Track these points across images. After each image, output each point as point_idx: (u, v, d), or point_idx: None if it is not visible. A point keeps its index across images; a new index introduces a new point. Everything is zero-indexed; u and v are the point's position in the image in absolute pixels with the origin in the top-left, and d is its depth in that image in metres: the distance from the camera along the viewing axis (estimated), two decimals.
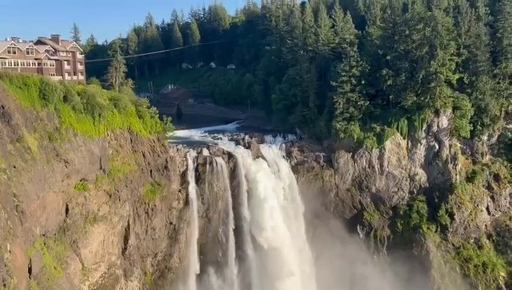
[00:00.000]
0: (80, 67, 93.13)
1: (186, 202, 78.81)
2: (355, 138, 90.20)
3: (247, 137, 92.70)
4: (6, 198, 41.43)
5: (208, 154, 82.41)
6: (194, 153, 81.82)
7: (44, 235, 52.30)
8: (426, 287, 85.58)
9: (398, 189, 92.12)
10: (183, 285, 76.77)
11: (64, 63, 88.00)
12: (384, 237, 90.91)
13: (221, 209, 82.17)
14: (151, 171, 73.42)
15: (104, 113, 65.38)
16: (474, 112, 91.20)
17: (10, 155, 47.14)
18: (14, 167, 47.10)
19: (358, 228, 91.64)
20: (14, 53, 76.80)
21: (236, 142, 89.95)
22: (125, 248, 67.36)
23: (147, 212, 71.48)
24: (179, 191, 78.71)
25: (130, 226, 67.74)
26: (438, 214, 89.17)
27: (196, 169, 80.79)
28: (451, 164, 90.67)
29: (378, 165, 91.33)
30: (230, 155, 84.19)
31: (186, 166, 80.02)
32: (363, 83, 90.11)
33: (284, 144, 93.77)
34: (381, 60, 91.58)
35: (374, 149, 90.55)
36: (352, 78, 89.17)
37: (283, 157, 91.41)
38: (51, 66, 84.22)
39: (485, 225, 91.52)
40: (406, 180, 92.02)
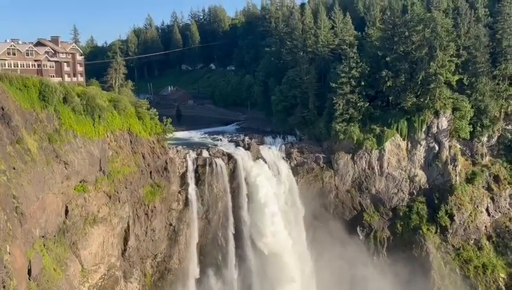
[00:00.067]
0: (80, 69, 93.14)
1: (186, 203, 78.74)
2: (355, 139, 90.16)
3: (247, 138, 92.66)
4: (6, 199, 41.37)
5: (208, 156, 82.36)
6: (193, 154, 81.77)
7: (43, 236, 52.20)
8: (426, 288, 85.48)
9: (398, 190, 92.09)
10: (183, 287, 76.63)
11: (64, 64, 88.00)
12: (384, 239, 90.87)
13: (221, 211, 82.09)
14: (151, 173, 73.37)
15: (103, 115, 65.36)
16: (473, 113, 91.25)
17: (10, 157, 47.08)
18: (14, 169, 47.04)
19: (358, 229, 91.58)
20: (13, 54, 76.83)
21: (236, 144, 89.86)
22: (124, 250, 67.30)
23: (146, 214, 71.42)
24: (179, 192, 78.65)
25: (129, 228, 67.69)
26: (438, 215, 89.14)
27: (196, 170, 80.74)
28: (451, 165, 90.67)
29: (378, 166, 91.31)
30: (230, 156, 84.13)
31: (186, 167, 79.96)
32: (363, 84, 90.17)
33: (284, 145, 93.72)
34: (381, 62, 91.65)
35: (373, 150, 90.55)
36: (351, 80, 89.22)
37: (283, 158, 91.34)
38: (50, 67, 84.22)
39: (485, 226, 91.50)
40: (406, 182, 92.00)
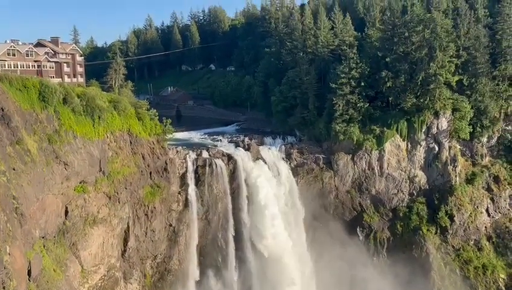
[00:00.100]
0: (80, 70, 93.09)
1: (186, 204, 78.72)
2: (354, 139, 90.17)
3: (247, 139, 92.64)
4: (6, 200, 41.35)
5: (208, 156, 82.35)
6: (193, 155, 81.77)
7: (43, 237, 52.19)
8: (426, 289, 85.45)
9: (398, 191, 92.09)
10: (183, 288, 76.58)
11: (64, 65, 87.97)
12: (384, 239, 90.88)
13: (221, 212, 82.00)
14: (151, 173, 73.36)
15: (103, 116, 65.36)
16: (473, 114, 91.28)
17: (10, 157, 47.07)
18: (14, 170, 47.02)
19: (358, 230, 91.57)
20: (13, 55, 76.80)
21: (236, 144, 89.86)
22: (124, 250, 67.28)
23: (146, 215, 71.39)
24: (179, 193, 78.65)
25: (129, 229, 67.68)
26: (438, 216, 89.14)
27: (196, 171, 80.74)
28: (450, 165, 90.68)
29: (378, 167, 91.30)
30: (230, 157, 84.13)
31: (186, 168, 79.96)
32: (363, 84, 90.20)
33: (284, 146, 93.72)
34: (381, 62, 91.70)
35: (373, 151, 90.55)
36: (351, 80, 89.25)
37: (283, 159, 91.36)
38: (50, 68, 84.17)
39: (485, 227, 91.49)
40: (406, 182, 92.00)
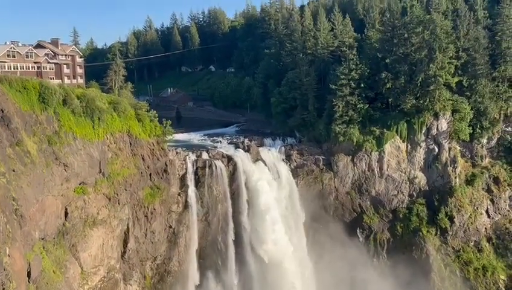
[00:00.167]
0: (80, 71, 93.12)
1: (186, 205, 78.68)
2: (354, 141, 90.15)
3: (247, 140, 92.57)
4: (6, 202, 41.33)
5: (208, 158, 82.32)
6: (193, 156, 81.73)
7: (43, 239, 52.16)
8: None
9: (398, 192, 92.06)
10: (183, 289, 76.50)
11: (64, 66, 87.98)
12: (384, 241, 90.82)
13: (221, 214, 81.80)
14: (151, 175, 73.36)
15: (103, 117, 65.38)
16: (473, 115, 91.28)
17: (9, 159, 47.06)
18: (14, 171, 47.02)
19: (358, 231, 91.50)
20: (13, 57, 76.84)
21: (236, 146, 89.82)
22: (124, 252, 67.23)
23: (146, 216, 71.36)
24: (178, 194, 78.63)
25: (129, 230, 67.64)
26: (438, 217, 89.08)
27: (195, 172, 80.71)
28: (450, 167, 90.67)
29: (378, 168, 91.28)
30: (230, 158, 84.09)
31: (186, 169, 79.95)
32: (362, 86, 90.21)
33: (284, 147, 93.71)
34: (381, 63, 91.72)
35: (373, 152, 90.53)
36: (351, 82, 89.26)
37: (282, 160, 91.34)
38: (50, 69, 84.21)
39: (485, 228, 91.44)
40: (406, 184, 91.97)
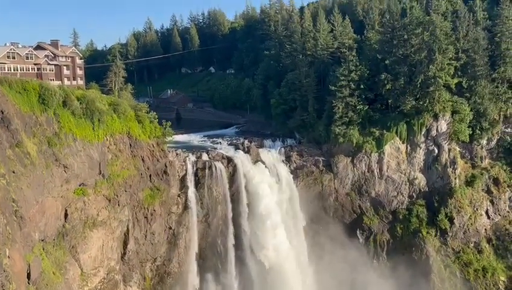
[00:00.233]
0: (79, 72, 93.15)
1: (186, 206, 78.69)
2: (354, 142, 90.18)
3: (247, 141, 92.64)
4: (5, 203, 41.35)
5: (207, 159, 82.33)
6: (193, 157, 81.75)
7: (43, 240, 52.17)
8: None
9: (398, 193, 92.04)
10: None
11: (64, 68, 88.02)
12: (384, 242, 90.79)
13: (221, 216, 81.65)
14: (151, 176, 73.36)
15: (103, 118, 65.42)
16: (473, 116, 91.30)
17: (9, 160, 47.08)
18: (13, 172, 47.04)
19: (358, 232, 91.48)
20: (13, 58, 76.85)
21: (236, 147, 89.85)
22: (124, 253, 67.22)
23: (146, 217, 71.33)
24: (178, 195, 78.60)
25: (129, 231, 67.63)
26: (438, 218, 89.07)
27: (195, 174, 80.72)
28: (450, 168, 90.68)
29: (378, 169, 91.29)
30: (230, 160, 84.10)
31: (186, 171, 79.96)
32: (362, 87, 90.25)
33: (283, 149, 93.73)
34: (380, 65, 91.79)
35: (373, 153, 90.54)
36: (351, 83, 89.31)
37: (282, 161, 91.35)
38: (50, 71, 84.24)
39: (485, 229, 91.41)
40: (405, 185, 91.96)
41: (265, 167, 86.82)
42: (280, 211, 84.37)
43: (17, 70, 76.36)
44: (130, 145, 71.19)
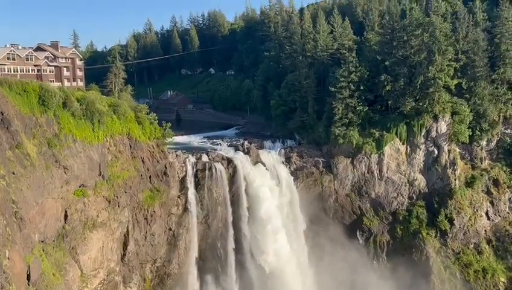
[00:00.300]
0: (79, 74, 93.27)
1: (185, 208, 78.64)
2: (354, 143, 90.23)
3: (246, 143, 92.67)
4: (5, 204, 41.38)
5: (207, 160, 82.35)
6: (193, 158, 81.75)
7: (43, 241, 52.16)
8: None
9: (398, 194, 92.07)
10: None
11: (64, 69, 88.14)
12: (384, 243, 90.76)
13: (221, 219, 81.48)
14: (150, 177, 73.36)
15: (103, 120, 65.45)
16: (472, 117, 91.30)
17: (9, 161, 47.11)
18: (13, 174, 47.06)
19: (358, 233, 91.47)
20: (13, 59, 76.97)
21: (236, 148, 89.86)
22: (124, 254, 67.19)
23: (146, 218, 71.32)
24: (178, 197, 78.58)
25: (129, 233, 67.61)
26: (438, 219, 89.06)
27: (195, 175, 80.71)
28: (450, 169, 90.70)
29: (378, 170, 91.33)
30: (230, 161, 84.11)
31: (186, 172, 79.94)
32: (362, 88, 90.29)
33: (283, 150, 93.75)
34: (380, 66, 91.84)
35: (373, 154, 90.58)
36: (351, 84, 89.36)
37: (282, 162, 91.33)
38: (50, 72, 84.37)
39: (485, 230, 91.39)
40: (405, 186, 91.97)
41: (266, 168, 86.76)
42: (281, 215, 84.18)
43: (17, 72, 76.48)
44: (130, 146, 71.22)
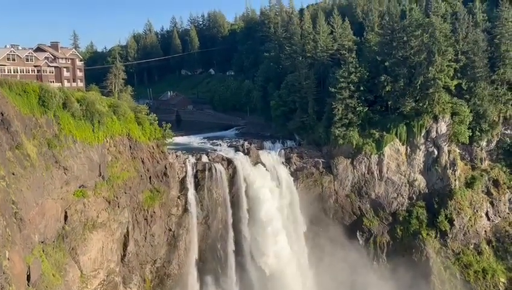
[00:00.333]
0: (79, 74, 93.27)
1: (185, 208, 78.63)
2: (354, 144, 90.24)
3: (246, 143, 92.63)
4: (5, 205, 41.36)
5: (207, 161, 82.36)
6: (193, 159, 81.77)
7: (43, 242, 52.14)
8: None
9: (398, 195, 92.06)
10: None
11: (64, 70, 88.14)
12: (384, 243, 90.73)
13: (221, 220, 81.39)
14: (150, 178, 73.36)
15: (103, 120, 65.47)
16: (472, 118, 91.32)
17: (9, 162, 47.11)
18: (13, 174, 47.06)
19: (358, 234, 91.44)
20: (13, 60, 76.95)
21: (236, 149, 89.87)
22: (124, 255, 67.19)
23: (146, 219, 71.32)
24: (178, 197, 78.58)
25: (129, 233, 67.63)
26: (438, 220, 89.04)
27: (195, 175, 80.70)
28: (450, 169, 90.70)
29: (378, 171, 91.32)
30: (230, 161, 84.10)
31: (185, 172, 79.95)
32: (362, 89, 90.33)
33: (283, 150, 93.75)
34: (380, 66, 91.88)
35: (373, 155, 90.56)
36: (350, 85, 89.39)
37: (282, 163, 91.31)
38: (50, 73, 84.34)
39: (485, 231, 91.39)
40: (405, 186, 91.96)
41: (266, 169, 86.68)
42: (281, 217, 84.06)
43: (17, 72, 76.45)
44: (130, 147, 71.24)
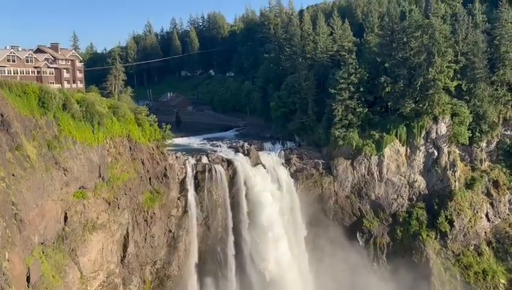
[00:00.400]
0: (79, 76, 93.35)
1: (185, 209, 78.51)
2: (354, 145, 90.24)
3: (246, 144, 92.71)
4: (5, 206, 41.31)
5: (207, 162, 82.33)
6: (193, 160, 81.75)
7: (42, 243, 52.07)
8: None
9: (398, 196, 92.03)
10: None
11: (64, 71, 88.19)
12: (384, 244, 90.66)
13: (220, 223, 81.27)
14: (150, 179, 73.32)
15: (103, 121, 65.44)
16: (472, 119, 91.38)
17: (9, 163, 47.07)
18: (13, 175, 47.01)
19: (358, 235, 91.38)
20: (13, 61, 76.99)
21: (236, 150, 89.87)
22: (124, 256, 67.12)
23: (146, 220, 71.26)
24: (178, 198, 78.52)
25: (129, 234, 67.56)
26: (438, 221, 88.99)
27: (195, 177, 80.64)
28: (450, 170, 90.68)
29: (377, 172, 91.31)
30: (230, 162, 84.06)
31: (185, 173, 79.89)
32: (362, 90, 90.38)
33: (283, 151, 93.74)
34: (380, 67, 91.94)
35: (372, 156, 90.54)
36: (350, 86, 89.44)
37: (282, 164, 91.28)
38: (50, 74, 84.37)
39: (485, 232, 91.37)
40: (405, 187, 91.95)
41: (266, 171, 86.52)
42: (282, 222, 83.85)
43: (17, 74, 76.48)
44: (130, 148, 71.21)
